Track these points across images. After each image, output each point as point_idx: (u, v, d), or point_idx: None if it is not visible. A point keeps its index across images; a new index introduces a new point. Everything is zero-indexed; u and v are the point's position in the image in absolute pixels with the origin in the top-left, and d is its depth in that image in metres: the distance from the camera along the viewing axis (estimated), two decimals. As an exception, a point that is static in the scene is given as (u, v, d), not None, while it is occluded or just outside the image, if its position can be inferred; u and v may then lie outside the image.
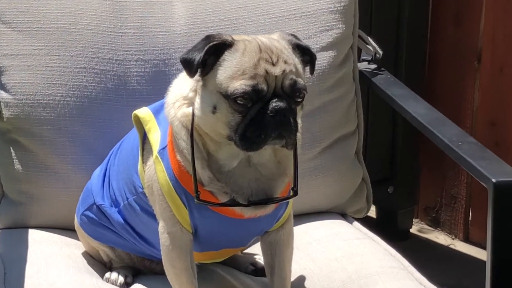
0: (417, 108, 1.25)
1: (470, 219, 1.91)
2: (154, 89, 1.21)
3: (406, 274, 1.13)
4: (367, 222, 1.43)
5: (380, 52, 1.37)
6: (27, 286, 1.04)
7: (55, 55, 1.18)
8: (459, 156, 1.10)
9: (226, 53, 0.93)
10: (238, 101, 0.89)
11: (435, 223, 1.96)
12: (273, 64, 0.91)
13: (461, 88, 1.89)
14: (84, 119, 1.19)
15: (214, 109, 0.91)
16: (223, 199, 0.95)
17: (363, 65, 1.40)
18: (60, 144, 1.18)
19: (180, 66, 1.07)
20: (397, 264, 1.17)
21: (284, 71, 0.91)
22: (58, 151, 1.19)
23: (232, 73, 0.92)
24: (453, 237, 1.93)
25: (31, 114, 1.16)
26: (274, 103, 0.89)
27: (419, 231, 2.00)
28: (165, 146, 0.97)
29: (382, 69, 1.41)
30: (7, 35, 1.17)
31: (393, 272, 1.12)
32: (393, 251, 1.23)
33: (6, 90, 1.16)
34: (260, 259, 1.15)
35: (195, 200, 0.92)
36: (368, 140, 1.60)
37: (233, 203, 0.94)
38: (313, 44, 1.22)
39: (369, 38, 1.37)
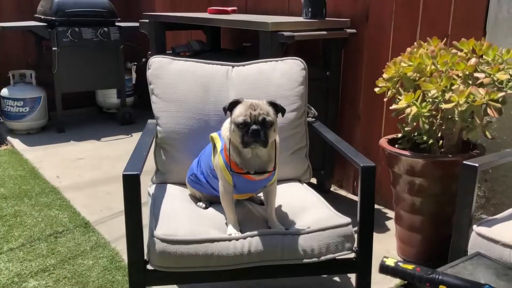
0: (331, 136, 2.11)
1: (354, 185, 3.19)
2: (220, 126, 1.86)
3: (325, 206, 1.90)
4: (311, 185, 2.24)
5: (316, 113, 2.29)
6: (162, 207, 1.80)
7: (181, 112, 2.05)
8: (348, 156, 1.85)
9: (237, 106, 1.67)
10: (239, 126, 1.62)
11: (340, 186, 3.32)
12: (254, 110, 1.62)
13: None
14: (191, 138, 2.04)
15: (233, 130, 1.64)
16: (245, 171, 1.67)
17: (308, 119, 2.25)
18: (180, 148, 2.04)
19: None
20: (321, 202, 1.93)
21: (259, 113, 1.61)
22: (179, 151, 2.04)
23: (238, 114, 1.64)
24: (347, 192, 3.25)
25: (169, 136, 2.04)
26: (252, 127, 1.60)
27: (333, 189, 3.29)
28: (222, 149, 1.71)
29: (317, 121, 2.28)
30: (160, 103, 2.08)
31: (319, 205, 1.90)
32: (320, 196, 2.00)
33: (160, 126, 2.05)
34: (263, 199, 1.89)
35: (231, 171, 1.67)
36: (312, 150, 2.32)
37: (248, 173, 1.67)
38: (288, 108, 1.97)
39: (311, 107, 2.27)
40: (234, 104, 1.69)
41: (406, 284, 1.16)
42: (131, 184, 1.53)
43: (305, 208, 1.86)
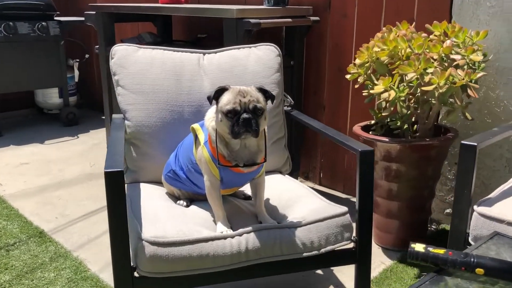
0: (317, 124, 2.02)
1: (321, 176, 3.12)
2: (195, 117, 1.91)
3: (317, 197, 1.80)
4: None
5: (292, 101, 2.23)
6: (143, 208, 1.64)
7: (151, 104, 1.89)
8: (342, 142, 1.74)
9: (224, 93, 1.52)
10: (228, 115, 1.47)
11: (306, 177, 3.26)
12: (244, 97, 1.47)
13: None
14: (164, 132, 1.88)
15: (221, 120, 1.50)
16: (233, 163, 1.53)
17: (285, 108, 2.17)
18: (153, 144, 1.89)
19: (207, 107, 1.93)
20: (311, 193, 1.83)
21: (249, 100, 1.47)
22: (152, 147, 1.89)
23: (225, 102, 1.49)
24: (314, 183, 3.20)
25: (140, 130, 1.88)
26: (243, 116, 1.46)
27: (300, 181, 3.25)
28: (207, 141, 1.57)
29: (293, 109, 2.21)
30: (128, 95, 1.90)
31: (309, 195, 1.80)
32: (307, 187, 1.90)
33: (128, 120, 1.89)
34: (247, 192, 1.84)
35: (219, 164, 1.53)
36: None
37: (237, 165, 1.54)
38: (267, 96, 2.05)
39: (287, 95, 2.19)
40: (220, 91, 1.55)
41: (437, 270, 1.07)
42: (115, 182, 1.35)
43: (296, 200, 1.75)
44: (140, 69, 1.99)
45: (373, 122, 2.49)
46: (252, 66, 2.09)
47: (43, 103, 4.68)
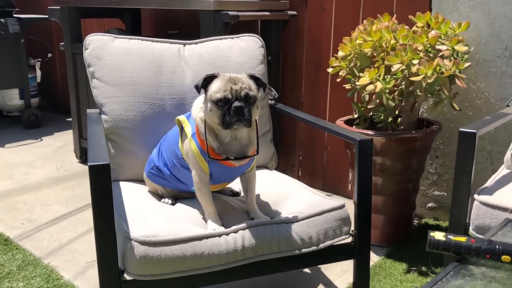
0: (307, 117, 1.92)
1: (300, 173, 3.05)
2: (177, 111, 1.81)
3: (309, 190, 1.72)
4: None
5: (277, 95, 2.11)
6: (127, 207, 1.52)
7: (130, 96, 1.78)
8: (339, 133, 1.65)
9: (213, 80, 1.41)
10: (218, 104, 1.38)
11: (285, 173, 3.01)
12: (235, 84, 1.38)
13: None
14: (144, 126, 1.78)
15: (210, 109, 1.40)
16: (223, 156, 1.44)
17: (269, 101, 2.08)
18: (132, 139, 1.77)
19: (190, 99, 1.81)
20: (303, 187, 1.76)
21: (240, 87, 1.37)
22: (131, 142, 1.77)
23: (215, 90, 1.39)
24: (294, 177, 3.07)
25: (118, 125, 1.76)
26: (235, 104, 1.36)
27: None
28: (194, 133, 1.47)
29: (278, 102, 2.11)
30: (104, 88, 1.78)
31: (301, 190, 1.72)
32: (297, 181, 1.83)
33: (105, 114, 1.77)
34: (234, 188, 1.75)
35: (208, 158, 1.43)
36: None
37: (227, 158, 1.44)
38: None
39: (272, 88, 2.09)
40: (209, 79, 1.44)
41: (459, 259, 1.00)
42: (101, 177, 1.22)
43: (288, 195, 1.66)
44: (117, 60, 1.85)
45: (356, 116, 2.44)
46: (236, 57, 1.99)
47: (3, 105, 4.41)
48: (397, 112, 2.35)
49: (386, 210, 2.33)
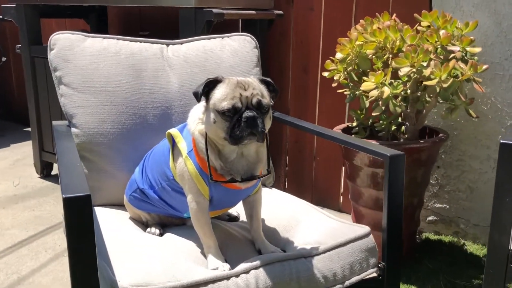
0: (315, 127, 1.71)
1: (286, 185, 2.82)
2: (162, 122, 1.57)
3: (323, 213, 1.49)
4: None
5: (272, 102, 1.65)
6: (106, 240, 1.28)
7: (105, 106, 1.51)
8: (363, 148, 1.42)
9: (217, 86, 1.20)
10: (225, 114, 1.16)
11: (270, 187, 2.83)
12: (245, 90, 1.17)
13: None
14: (124, 141, 1.53)
15: (214, 121, 1.18)
16: (228, 178, 1.21)
17: None
18: (110, 156, 1.52)
19: (176, 108, 1.57)
20: (313, 209, 1.54)
21: (252, 93, 1.16)
22: (109, 161, 1.52)
23: (221, 97, 1.17)
24: (281, 189, 2.65)
25: (92, 140, 1.50)
26: (246, 114, 1.14)
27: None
28: (191, 150, 1.25)
29: (274, 110, 1.67)
30: (75, 95, 1.51)
31: (313, 213, 1.49)
32: (304, 201, 1.58)
33: (76, 127, 1.50)
34: (232, 213, 1.52)
35: (210, 180, 1.20)
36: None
37: (233, 180, 1.21)
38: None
39: None
40: (211, 84, 1.19)
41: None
42: (80, 212, 0.92)
43: (298, 219, 1.42)
44: (89, 62, 1.56)
45: (354, 124, 2.20)
46: (227, 59, 1.72)
47: (-49, 115, 3.95)
48: (399, 120, 2.13)
49: (390, 227, 2.09)
